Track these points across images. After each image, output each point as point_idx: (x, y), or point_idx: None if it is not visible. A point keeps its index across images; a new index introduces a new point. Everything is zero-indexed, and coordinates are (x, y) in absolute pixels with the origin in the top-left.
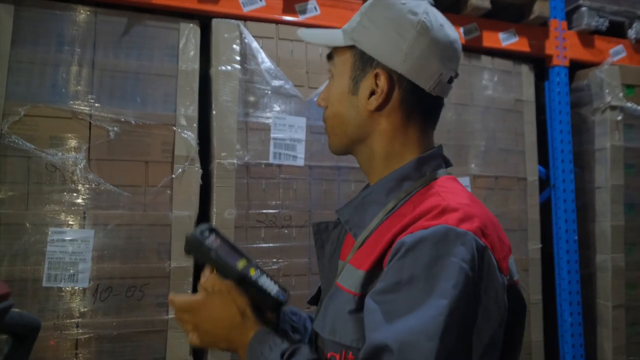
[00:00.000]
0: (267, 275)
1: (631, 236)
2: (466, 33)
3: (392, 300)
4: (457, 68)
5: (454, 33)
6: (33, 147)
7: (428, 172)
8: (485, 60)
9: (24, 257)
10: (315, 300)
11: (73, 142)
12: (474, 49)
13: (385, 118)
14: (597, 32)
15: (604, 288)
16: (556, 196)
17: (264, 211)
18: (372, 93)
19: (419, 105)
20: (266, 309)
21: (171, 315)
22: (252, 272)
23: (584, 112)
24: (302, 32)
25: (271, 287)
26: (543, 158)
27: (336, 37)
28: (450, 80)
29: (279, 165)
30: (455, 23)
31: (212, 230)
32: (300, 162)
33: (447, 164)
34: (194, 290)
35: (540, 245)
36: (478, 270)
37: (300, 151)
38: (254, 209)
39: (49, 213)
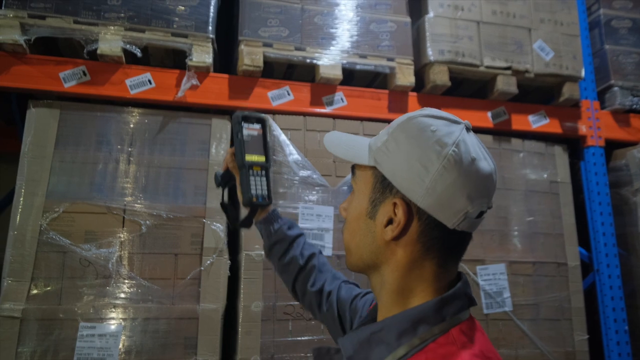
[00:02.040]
0: (268, 182)
1: None
2: (494, 117)
3: None
4: (489, 202)
5: (488, 166)
6: (69, 242)
7: (448, 317)
8: (516, 143)
9: (55, 353)
10: None
11: (107, 237)
12: (503, 132)
13: (402, 249)
14: (632, 110)
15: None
16: (601, 282)
17: (292, 303)
18: (390, 221)
19: (440, 240)
20: (243, 202)
21: None
22: (255, 169)
23: (624, 193)
24: (328, 140)
25: (259, 188)
26: (584, 242)
27: (361, 152)
28: (480, 215)
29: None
30: (483, 108)
31: (260, 120)
32: (329, 252)
33: (472, 302)
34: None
35: (587, 337)
36: None
37: (329, 240)
38: (281, 301)
39: (80, 307)
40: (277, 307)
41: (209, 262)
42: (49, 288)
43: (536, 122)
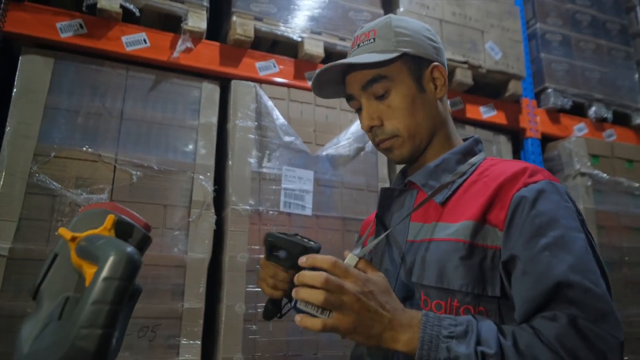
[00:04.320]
0: None
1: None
2: (452, 105)
3: (545, 244)
4: None
5: None
6: (59, 186)
7: (480, 152)
8: (469, 129)
9: None
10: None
11: (97, 184)
12: (459, 119)
13: (444, 103)
14: (562, 110)
15: None
16: None
17: None
18: (435, 86)
19: (447, 88)
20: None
21: (182, 358)
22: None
23: None
24: (346, 61)
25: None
26: None
27: (384, 55)
28: None
29: (289, 214)
30: None
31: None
32: (309, 211)
33: None
34: (206, 332)
35: None
36: (576, 207)
37: (309, 201)
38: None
39: None
40: (260, 259)
41: (196, 214)
42: (37, 229)
43: (486, 112)
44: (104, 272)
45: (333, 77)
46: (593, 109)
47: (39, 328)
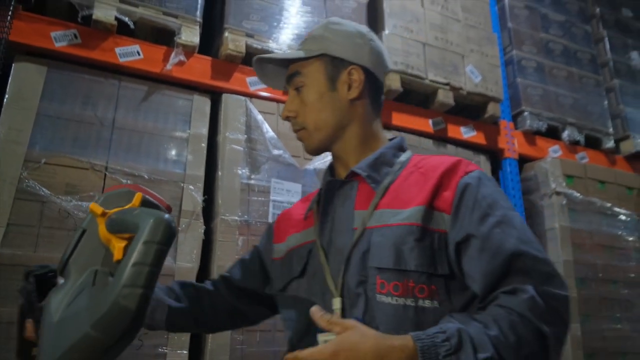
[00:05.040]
0: None
1: (584, 308)
2: (434, 125)
3: (494, 223)
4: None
5: None
6: (49, 192)
7: (407, 150)
8: (451, 148)
9: None
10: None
11: (88, 191)
12: (441, 138)
13: (360, 104)
14: (538, 132)
15: (566, 358)
16: None
17: None
18: (349, 87)
19: (377, 93)
20: None
21: None
22: None
23: (533, 198)
24: (272, 56)
25: None
26: None
27: (301, 53)
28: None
29: None
30: (426, 116)
31: None
32: None
33: None
34: (192, 344)
35: None
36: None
37: None
38: None
39: (57, 257)
40: None
41: (186, 224)
42: (25, 235)
43: (466, 132)
44: (144, 236)
45: (278, 70)
46: (566, 132)
47: (69, 297)
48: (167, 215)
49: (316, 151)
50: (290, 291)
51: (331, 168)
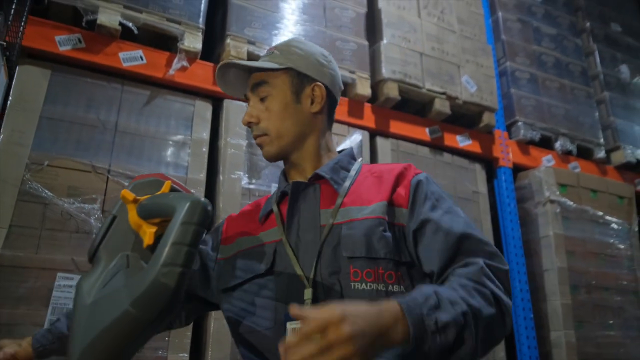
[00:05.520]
0: None
1: (578, 314)
2: (431, 133)
3: (443, 211)
4: None
5: None
6: (51, 194)
7: (356, 157)
8: (447, 156)
9: (28, 301)
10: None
11: (90, 194)
12: (437, 146)
13: (320, 118)
14: (531, 142)
15: None
16: (511, 278)
17: None
18: (312, 101)
19: (332, 109)
20: None
21: None
22: None
23: (527, 206)
24: (243, 62)
25: None
26: (497, 246)
27: (274, 65)
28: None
29: None
30: (423, 124)
31: None
32: None
33: None
34: (193, 343)
35: None
36: None
37: None
38: None
39: (59, 258)
40: None
41: None
42: (27, 236)
43: (462, 141)
44: (182, 218)
45: (240, 78)
46: (559, 142)
47: (102, 279)
48: (203, 198)
49: (275, 157)
50: (250, 288)
51: (284, 174)
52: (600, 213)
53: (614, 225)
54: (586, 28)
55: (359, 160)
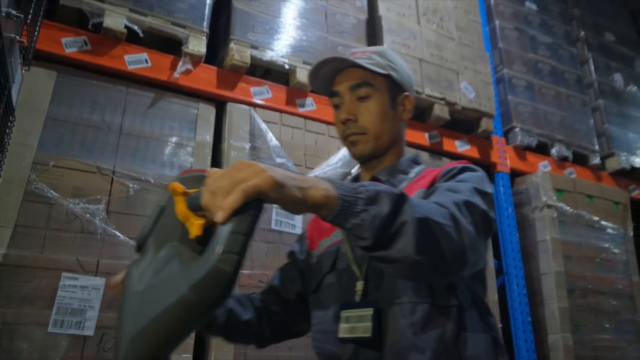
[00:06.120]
0: None
1: (574, 318)
2: (430, 138)
3: (460, 188)
4: None
5: None
6: (56, 195)
7: (421, 162)
8: (446, 161)
9: (33, 301)
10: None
11: (95, 195)
12: (436, 151)
13: (404, 125)
14: (528, 148)
15: None
16: (509, 282)
17: (266, 272)
18: (403, 109)
19: (410, 116)
20: None
21: None
22: None
23: (524, 211)
24: (354, 59)
25: None
26: (496, 251)
27: (377, 68)
28: None
29: (280, 232)
30: (422, 129)
31: None
32: (299, 230)
33: None
34: (197, 343)
35: (501, 325)
36: (487, 190)
37: (299, 221)
38: (256, 270)
39: (64, 259)
40: (252, 274)
41: None
42: (32, 236)
43: (461, 146)
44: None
45: (328, 74)
46: (555, 148)
47: (154, 267)
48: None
49: (368, 156)
50: (322, 287)
51: (356, 178)
52: (596, 218)
53: (610, 230)
54: (581, 37)
55: (422, 165)
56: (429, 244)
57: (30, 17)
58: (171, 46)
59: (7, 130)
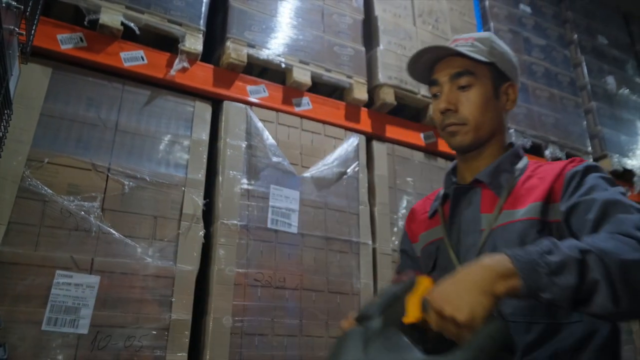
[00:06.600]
0: None
1: None
2: (425, 138)
3: (593, 197)
4: None
5: None
6: (51, 192)
7: (522, 155)
8: (441, 161)
9: (27, 299)
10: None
11: (90, 192)
12: (431, 151)
13: (506, 116)
14: (523, 149)
15: None
16: None
17: (262, 271)
18: (507, 99)
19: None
20: None
21: None
22: None
23: None
24: (455, 47)
25: None
26: None
27: (479, 56)
28: None
29: (276, 231)
30: (417, 130)
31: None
32: (294, 229)
33: None
34: (192, 342)
35: None
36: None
37: (294, 220)
38: (252, 269)
39: (58, 256)
40: (248, 273)
41: (186, 227)
42: (26, 234)
43: None
44: (488, 333)
45: (427, 62)
46: (549, 149)
47: (383, 345)
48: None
49: (467, 147)
50: None
51: (454, 170)
52: None
53: None
54: (574, 40)
55: (524, 159)
56: (630, 287)
57: (29, 10)
58: (167, 44)
59: (5, 124)
